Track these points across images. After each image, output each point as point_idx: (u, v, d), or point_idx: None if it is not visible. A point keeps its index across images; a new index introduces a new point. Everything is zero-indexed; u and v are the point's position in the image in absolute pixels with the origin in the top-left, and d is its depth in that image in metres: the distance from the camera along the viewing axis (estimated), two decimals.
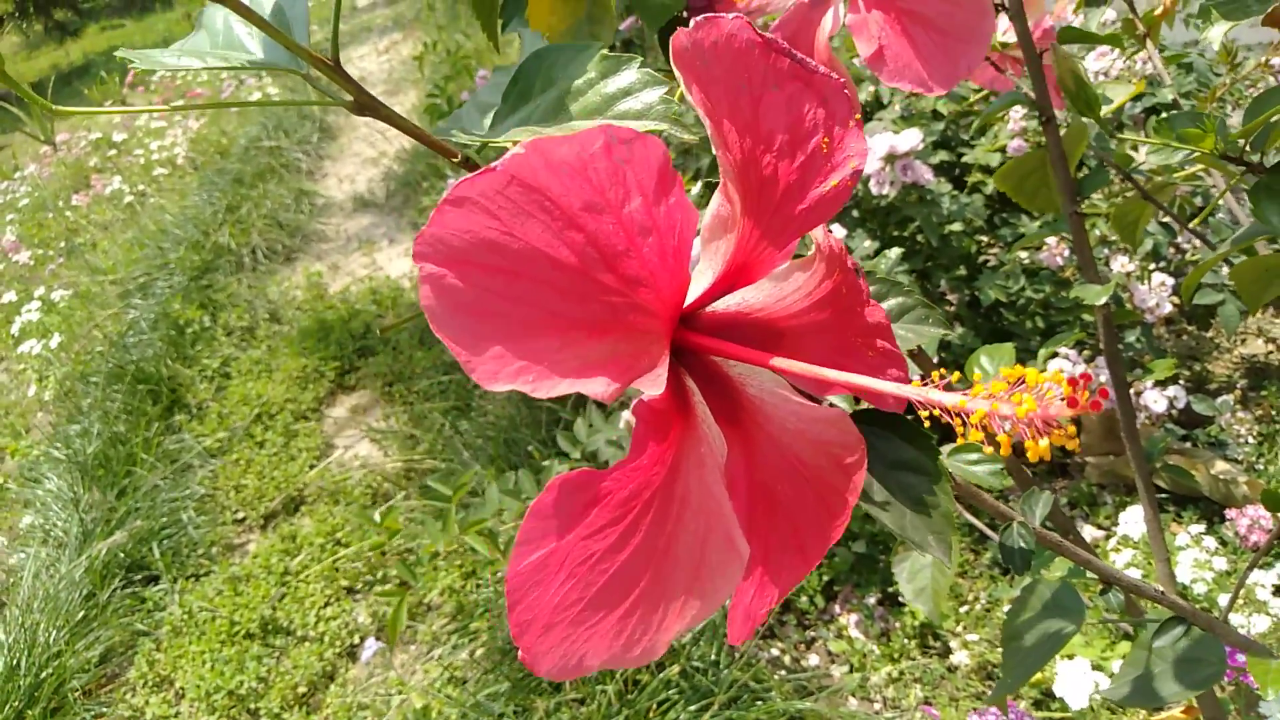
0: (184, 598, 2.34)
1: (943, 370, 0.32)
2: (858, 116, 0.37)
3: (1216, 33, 0.58)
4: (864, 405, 0.47)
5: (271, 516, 2.61)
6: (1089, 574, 0.82)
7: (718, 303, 0.38)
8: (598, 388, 0.29)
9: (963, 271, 2.03)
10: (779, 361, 0.35)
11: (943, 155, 2.10)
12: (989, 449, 0.30)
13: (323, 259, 4.05)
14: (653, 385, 0.31)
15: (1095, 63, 1.85)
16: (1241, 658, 0.99)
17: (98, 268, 4.24)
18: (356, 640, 2.15)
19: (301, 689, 2.04)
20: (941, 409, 0.31)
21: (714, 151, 0.33)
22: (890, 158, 1.89)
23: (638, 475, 0.30)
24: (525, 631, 0.28)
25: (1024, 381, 0.29)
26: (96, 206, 4.98)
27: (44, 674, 2.12)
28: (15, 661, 2.13)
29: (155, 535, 2.53)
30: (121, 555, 2.46)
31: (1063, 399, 0.28)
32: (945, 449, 0.65)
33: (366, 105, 0.44)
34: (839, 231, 1.96)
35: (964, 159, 2.10)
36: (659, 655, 0.31)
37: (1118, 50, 0.89)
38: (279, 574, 2.34)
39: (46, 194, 5.53)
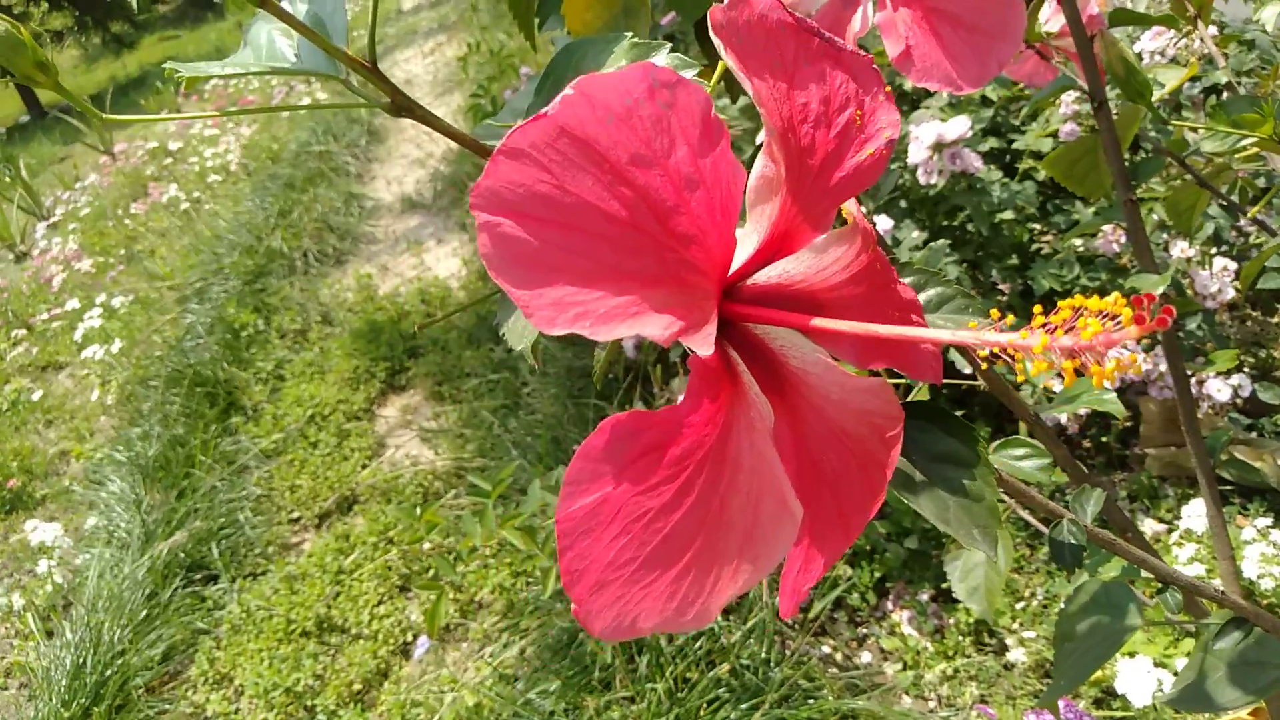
0: (242, 596, 2.38)
1: (996, 312, 0.32)
2: (888, 89, 0.37)
3: (1270, 13, 0.56)
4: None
5: (325, 516, 2.65)
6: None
7: (759, 275, 0.38)
8: (656, 329, 0.29)
9: (1015, 260, 1.99)
10: (820, 322, 0.35)
11: (993, 142, 2.06)
12: (1051, 380, 0.29)
13: (372, 261, 4.10)
14: (703, 344, 0.31)
15: (1151, 42, 1.80)
16: None
17: (156, 274, 4.34)
18: (409, 638, 2.17)
19: (356, 686, 2.06)
20: (999, 347, 0.30)
21: (758, 110, 0.33)
22: (938, 146, 1.85)
23: (691, 432, 0.30)
24: (577, 581, 0.28)
25: (1085, 309, 0.28)
26: (154, 214, 5.10)
27: (109, 672, 2.18)
28: (81, 660, 2.19)
29: (214, 535, 2.58)
30: (182, 555, 2.52)
31: (1129, 320, 0.27)
32: (991, 446, 0.64)
33: (404, 106, 0.44)
34: (886, 223, 1.93)
35: (1014, 145, 2.06)
36: (712, 620, 0.31)
37: (1171, 29, 0.86)
38: (333, 572, 2.38)
39: (106, 203, 5.68)
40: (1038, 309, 0.30)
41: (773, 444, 0.33)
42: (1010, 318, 0.31)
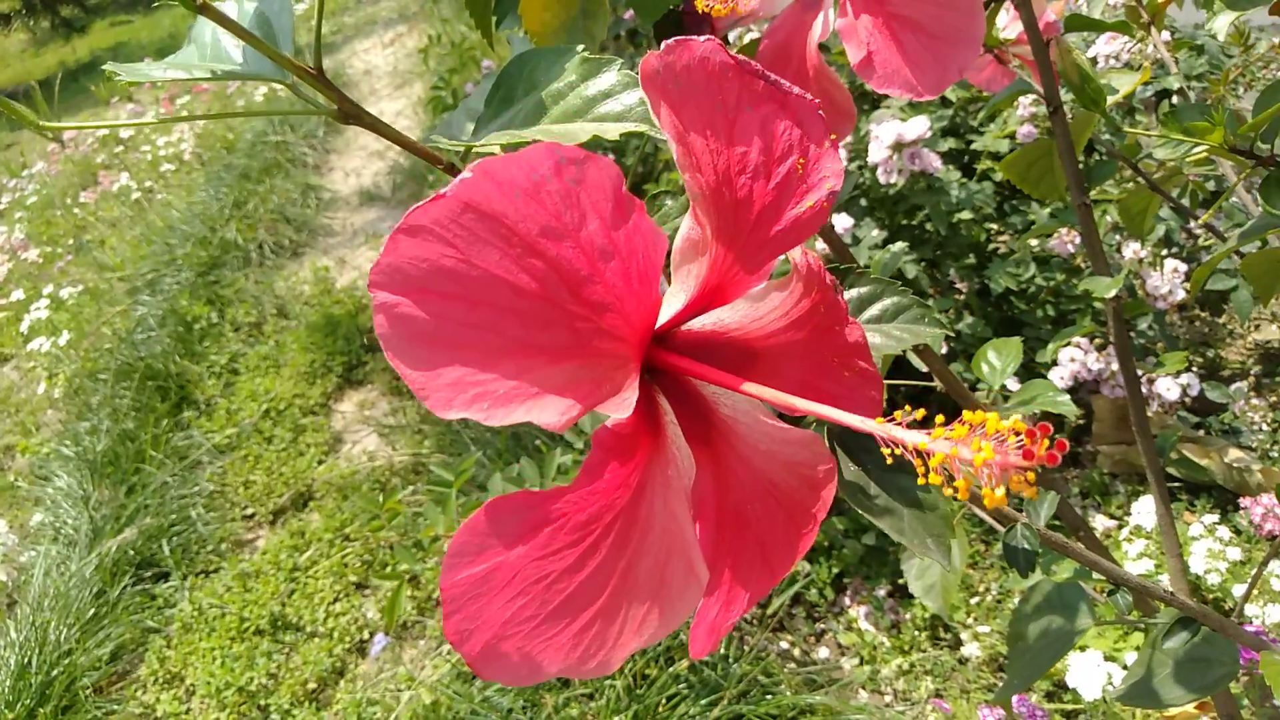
0: (194, 594, 2.34)
1: (908, 407, 0.32)
2: (833, 137, 0.36)
3: (1222, 22, 0.56)
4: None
5: (280, 512, 2.61)
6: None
7: (693, 321, 0.38)
8: (551, 415, 0.28)
9: (972, 260, 2.01)
10: (749, 387, 0.34)
11: (951, 143, 2.08)
12: (948, 491, 0.30)
13: (329, 253, 4.05)
14: (619, 409, 0.31)
15: (1105, 46, 1.83)
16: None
17: (106, 265, 4.25)
18: (366, 636, 2.15)
19: (311, 685, 2.04)
20: (904, 448, 0.30)
21: (682, 175, 0.32)
22: (898, 145, 1.87)
23: (598, 498, 0.30)
24: (467, 639, 0.29)
25: (984, 427, 0.29)
26: (104, 203, 4.98)
27: (55, 672, 2.13)
28: (27, 660, 2.13)
29: (165, 532, 2.54)
30: (131, 552, 2.47)
31: (1020, 449, 0.28)
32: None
33: (351, 113, 0.43)
34: (845, 221, 1.94)
35: (973, 146, 2.08)
36: (616, 668, 0.32)
37: (1128, 35, 0.87)
38: (288, 570, 2.35)
39: (54, 191, 5.54)
40: (940, 418, 0.30)
41: (687, 504, 0.33)
42: (920, 412, 0.31)
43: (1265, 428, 1.89)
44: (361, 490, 2.54)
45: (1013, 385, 1.40)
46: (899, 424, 0.30)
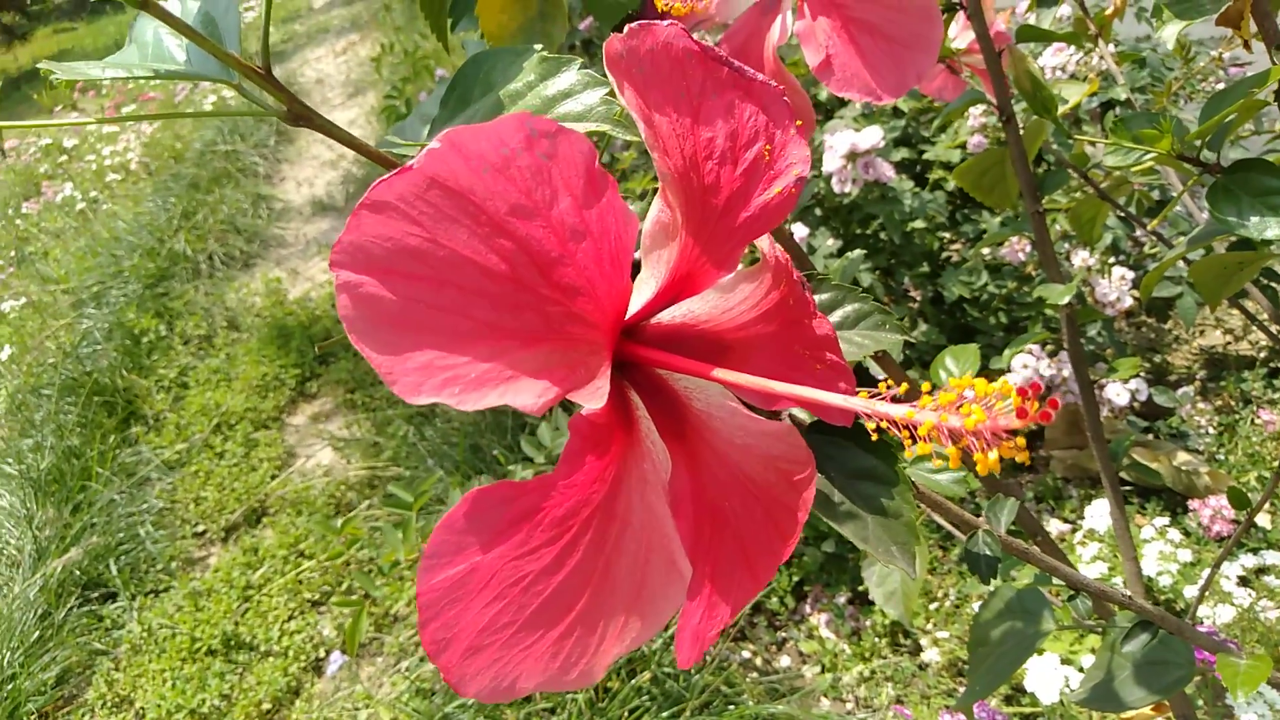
0: (143, 615, 2.28)
1: (889, 381, 0.31)
2: (799, 123, 0.35)
3: (1170, 32, 0.57)
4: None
5: (233, 529, 2.56)
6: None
7: (663, 314, 0.37)
8: (527, 399, 0.27)
9: (926, 268, 2.03)
10: (720, 373, 0.34)
11: (904, 152, 2.10)
12: (938, 461, 0.29)
13: (282, 264, 3.99)
14: (593, 398, 0.29)
15: (1052, 58, 1.86)
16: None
17: (49, 277, 4.14)
18: (322, 654, 2.11)
19: (266, 705, 1.99)
20: (889, 421, 0.30)
21: (652, 154, 0.32)
22: (852, 155, 1.88)
23: (574, 493, 0.29)
24: (444, 650, 0.27)
25: (973, 392, 0.28)
26: (48, 214, 4.87)
27: None
28: None
29: (112, 551, 2.47)
30: (77, 573, 2.40)
31: (1012, 410, 0.27)
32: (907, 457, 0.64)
33: (301, 115, 0.41)
34: (801, 231, 1.95)
35: (925, 156, 2.10)
36: (598, 678, 0.30)
37: (1073, 46, 0.89)
38: (241, 588, 2.30)
39: None
40: (925, 385, 0.30)
41: (665, 499, 0.32)
42: (904, 386, 0.31)
43: (1211, 431, 1.93)
44: (316, 505, 2.50)
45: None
46: (883, 398, 0.30)
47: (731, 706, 1.66)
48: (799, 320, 0.38)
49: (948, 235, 2.14)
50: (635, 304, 0.34)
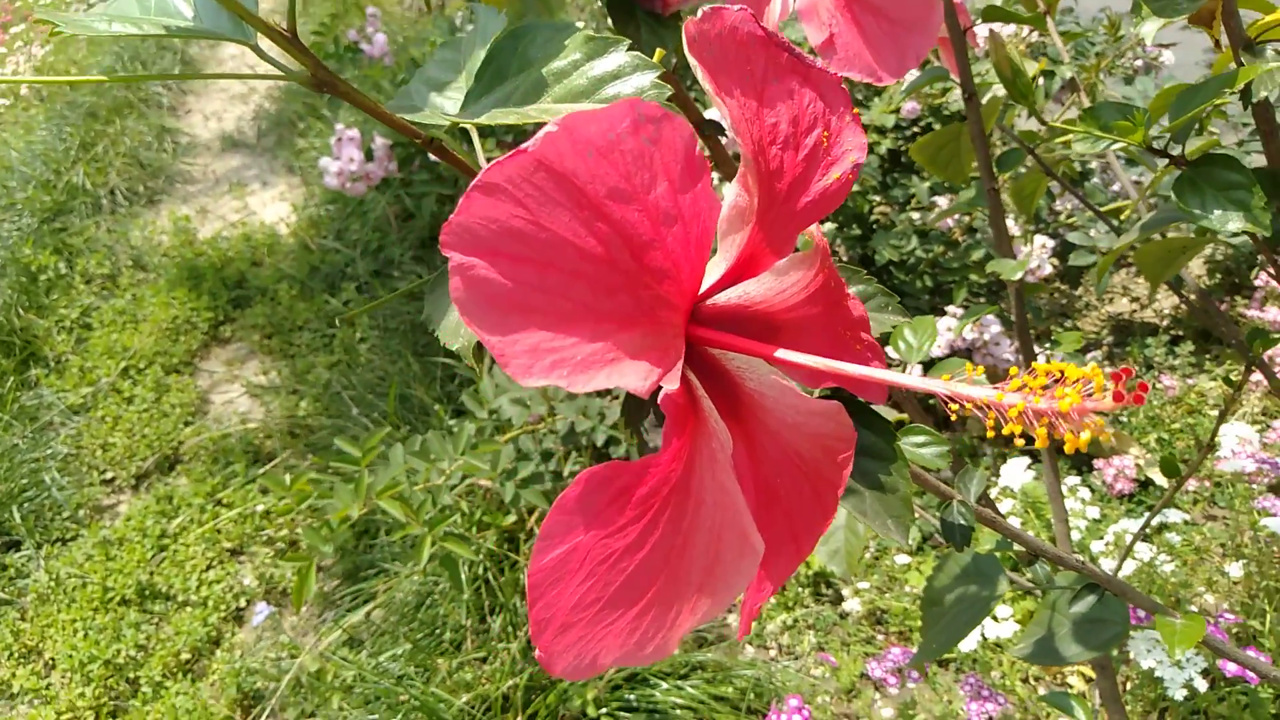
0: (50, 563, 2.21)
1: (969, 365, 0.33)
2: (855, 111, 0.36)
3: (1149, 29, 0.60)
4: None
5: (144, 476, 2.48)
6: (989, 533, 0.86)
7: (719, 295, 0.38)
8: (636, 379, 0.28)
9: (857, 231, 2.07)
10: (783, 353, 0.35)
11: None
12: (1020, 442, 0.31)
13: (189, 202, 3.82)
14: (672, 379, 0.30)
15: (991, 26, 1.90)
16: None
17: None
18: (243, 604, 2.08)
19: (185, 656, 1.96)
20: (973, 404, 0.31)
21: (734, 139, 0.32)
22: None
23: (659, 469, 0.30)
24: (544, 630, 0.28)
25: (1063, 376, 0.30)
26: None
27: None
28: None
29: (15, 498, 2.37)
30: None
31: (1108, 393, 0.29)
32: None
33: (326, 81, 0.40)
34: (734, 191, 1.97)
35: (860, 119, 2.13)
36: (671, 652, 0.31)
37: (1035, 29, 0.91)
38: (155, 536, 2.24)
39: None
40: (1013, 370, 0.31)
41: (734, 476, 0.33)
42: (980, 368, 0.32)
43: None
44: (234, 453, 2.44)
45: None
46: (965, 380, 0.31)
47: None
48: (839, 302, 0.40)
49: (878, 199, 2.18)
50: (703, 286, 0.35)
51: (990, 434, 0.30)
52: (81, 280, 3.27)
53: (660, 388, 0.30)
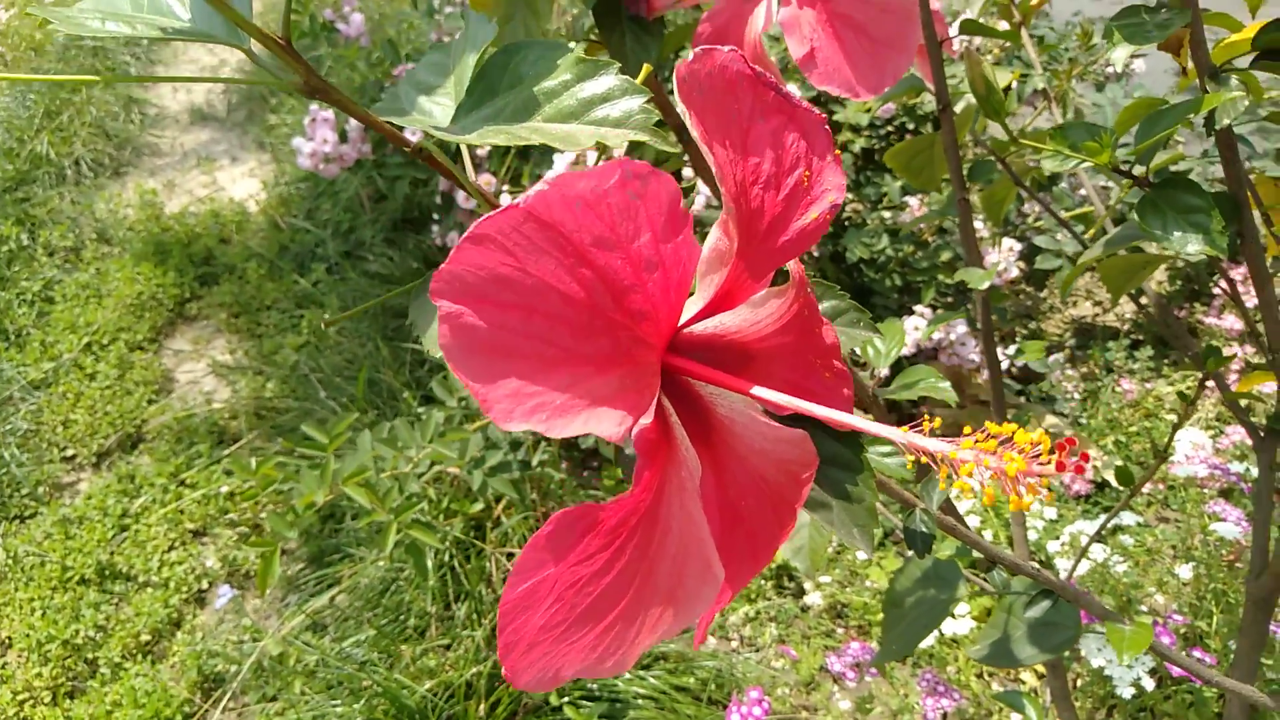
0: (8, 541, 2.18)
1: (928, 415, 0.34)
2: (836, 151, 0.37)
3: (1120, 54, 0.61)
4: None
5: (106, 455, 2.45)
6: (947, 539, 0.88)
7: (696, 325, 0.39)
8: (610, 427, 0.29)
9: (829, 228, 2.09)
10: (758, 391, 0.36)
11: None
12: (969, 496, 0.32)
13: (157, 175, 3.76)
14: (646, 415, 0.31)
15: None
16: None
17: None
18: (205, 586, 2.06)
19: (145, 637, 1.95)
20: (928, 456, 0.32)
21: (719, 185, 0.33)
22: None
23: (629, 503, 0.31)
24: (510, 652, 0.29)
25: (1012, 440, 0.31)
26: None
27: None
28: None
29: None
30: None
31: (1051, 461, 0.31)
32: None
33: (318, 89, 0.41)
34: (706, 189, 1.98)
35: (835, 117, 2.15)
36: (630, 666, 0.33)
37: (1009, 41, 0.93)
38: (116, 516, 2.22)
39: None
40: (967, 429, 0.33)
41: (700, 503, 0.34)
42: (938, 421, 0.34)
43: (1077, 396, 2.08)
44: (199, 433, 2.41)
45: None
46: (922, 432, 0.33)
47: None
48: (812, 329, 0.41)
49: (851, 197, 2.20)
50: (681, 319, 0.36)
51: (943, 485, 0.32)
52: (44, 252, 3.21)
53: (634, 428, 0.31)
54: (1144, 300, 0.95)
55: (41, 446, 2.47)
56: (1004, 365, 2.00)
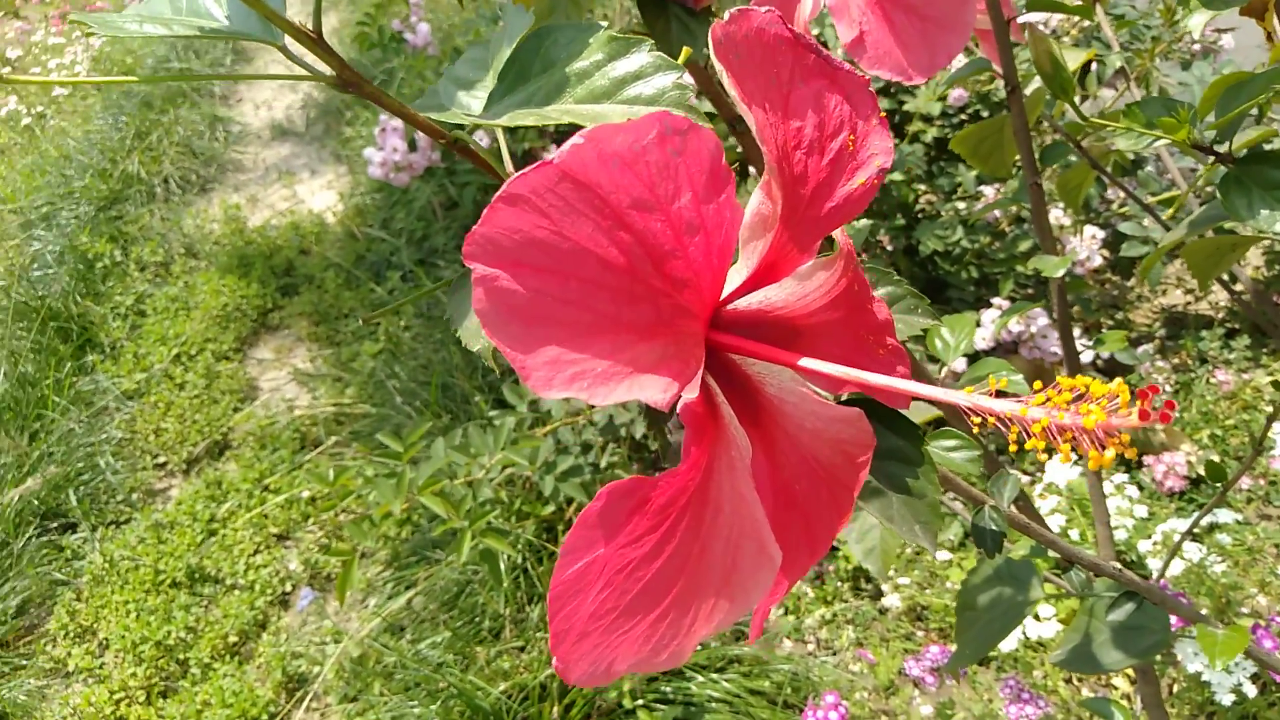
0: (104, 546, 2.27)
1: (993, 378, 0.32)
2: (881, 114, 0.36)
3: (1197, 21, 0.58)
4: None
5: (195, 461, 2.53)
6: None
7: (740, 300, 0.37)
8: (655, 393, 0.28)
9: (901, 221, 2.04)
10: (806, 362, 0.34)
11: (885, 104, 2.09)
12: (1043, 457, 0.30)
13: (240, 190, 3.88)
14: (692, 388, 0.30)
15: (1037, 14, 1.85)
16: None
17: None
18: (289, 588, 2.12)
19: (232, 638, 2.00)
20: (996, 418, 0.30)
21: (760, 147, 0.32)
22: None
23: (677, 479, 0.30)
24: (562, 640, 0.28)
25: (1088, 391, 0.29)
26: None
27: None
28: None
29: (71, 481, 2.44)
30: (35, 502, 2.37)
31: (1133, 411, 0.28)
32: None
33: (350, 82, 0.40)
34: None
35: (905, 107, 2.10)
36: (687, 659, 0.31)
37: (1086, 17, 0.89)
38: (205, 521, 2.29)
39: None
40: (1037, 384, 0.30)
41: (752, 484, 0.32)
42: (1004, 380, 0.31)
43: (1169, 389, 1.99)
44: (281, 439, 2.48)
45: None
46: (988, 393, 0.31)
47: (698, 647, 1.70)
48: (863, 305, 0.39)
49: (923, 188, 2.15)
50: (724, 291, 0.35)
51: (1013, 449, 0.30)
52: (136, 268, 3.34)
53: (680, 397, 0.30)
54: (1238, 286, 0.90)
55: (135, 454, 2.57)
56: (1088, 357, 1.92)
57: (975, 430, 0.31)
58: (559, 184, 0.25)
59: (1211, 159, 0.63)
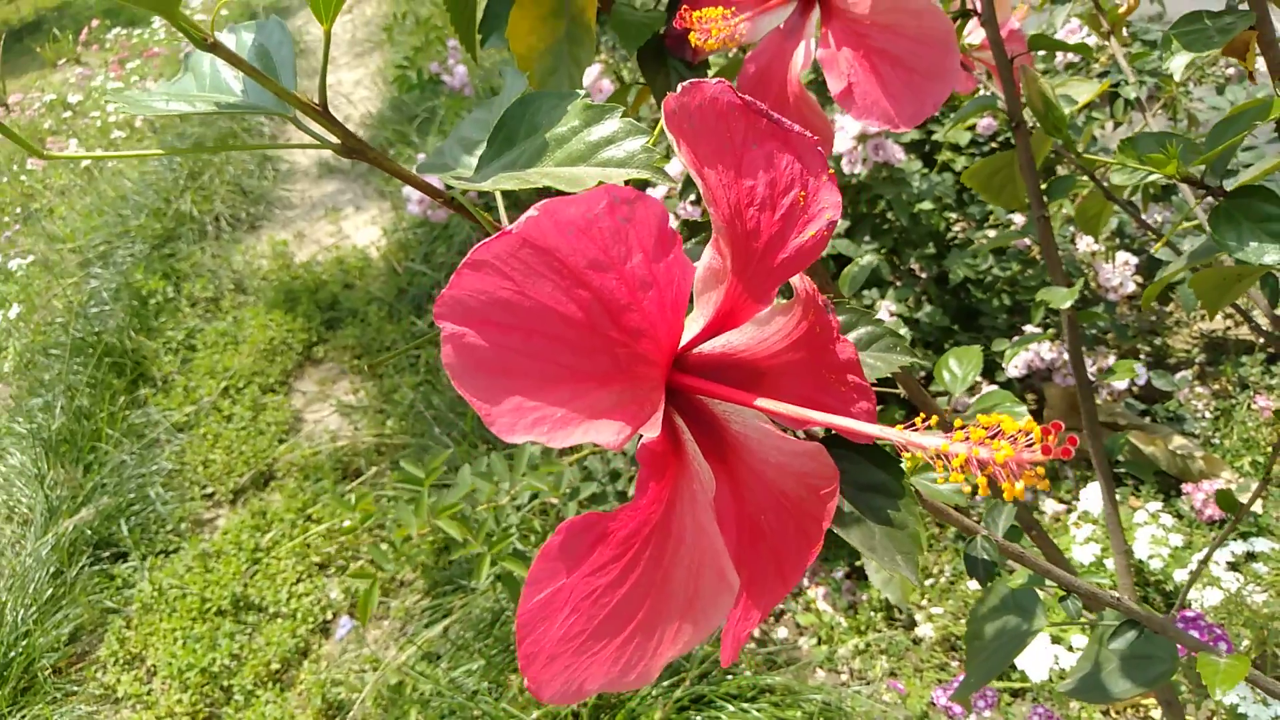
0: (153, 574, 2.33)
1: (921, 415, 0.34)
2: (830, 171, 0.38)
3: (1178, 63, 0.59)
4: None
5: (241, 492, 2.60)
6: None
7: (704, 345, 0.40)
8: (608, 436, 0.31)
9: (931, 249, 2.05)
10: (762, 402, 0.37)
11: (913, 133, 2.11)
12: (966, 488, 0.32)
13: (288, 227, 3.99)
14: (651, 428, 0.33)
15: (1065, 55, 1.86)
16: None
17: (56, 235, 4.15)
18: (330, 617, 2.16)
19: (275, 666, 2.05)
20: (923, 451, 0.32)
21: (707, 209, 0.34)
22: (862, 137, 1.89)
23: (639, 512, 0.32)
24: (531, 663, 0.30)
25: (1001, 429, 0.31)
26: (53, 171, 4.86)
27: (13, 654, 2.12)
28: None
29: (123, 512, 2.52)
30: (89, 532, 2.44)
31: (1037, 445, 0.30)
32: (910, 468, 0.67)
33: (355, 149, 0.44)
34: None
35: (934, 136, 2.11)
36: (654, 679, 0.34)
37: (1082, 56, 0.90)
38: (250, 550, 2.34)
39: (0, 158, 5.38)
40: (958, 421, 0.32)
41: (713, 516, 0.35)
42: (934, 419, 0.33)
43: (1208, 415, 1.96)
44: (324, 470, 2.53)
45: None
46: (917, 430, 0.33)
47: (729, 676, 1.70)
48: (826, 346, 0.41)
49: (954, 216, 2.15)
50: (684, 338, 0.37)
51: (940, 481, 0.32)
52: (187, 303, 3.45)
53: (635, 438, 0.32)
54: (1256, 313, 0.90)
55: (184, 485, 2.64)
56: (1124, 383, 1.90)
57: (905, 463, 0.34)
58: (520, 249, 0.28)
59: (1203, 192, 0.64)
